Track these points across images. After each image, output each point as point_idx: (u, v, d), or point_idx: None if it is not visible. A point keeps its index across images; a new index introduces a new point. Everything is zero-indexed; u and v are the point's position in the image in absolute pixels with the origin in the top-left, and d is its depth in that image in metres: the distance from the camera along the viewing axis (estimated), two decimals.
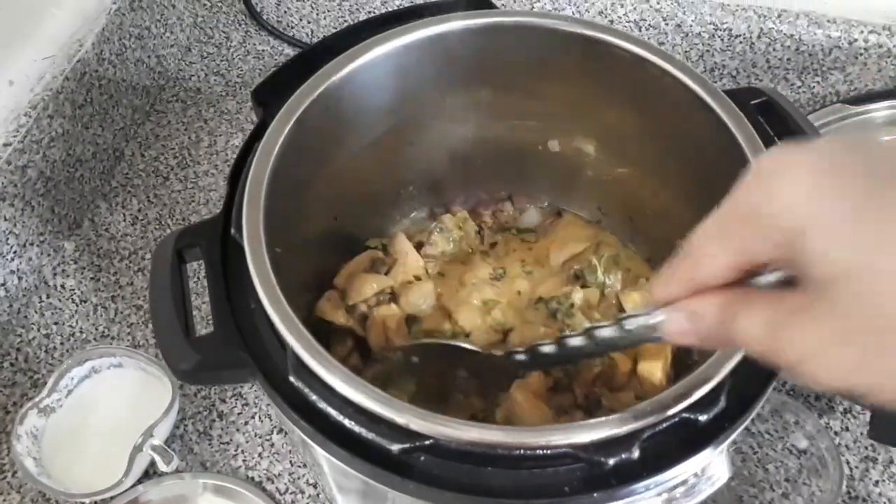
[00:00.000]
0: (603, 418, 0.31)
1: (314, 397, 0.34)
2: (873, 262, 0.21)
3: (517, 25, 0.45)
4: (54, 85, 0.67)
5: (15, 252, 0.65)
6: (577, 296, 0.49)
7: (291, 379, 0.35)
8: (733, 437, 0.33)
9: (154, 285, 0.39)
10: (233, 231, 0.39)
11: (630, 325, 0.31)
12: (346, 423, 0.33)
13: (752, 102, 0.45)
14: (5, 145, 0.63)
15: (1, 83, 0.65)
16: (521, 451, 0.31)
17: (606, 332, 0.33)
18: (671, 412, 0.31)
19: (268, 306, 0.35)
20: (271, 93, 0.47)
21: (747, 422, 0.34)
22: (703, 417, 0.32)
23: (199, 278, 0.65)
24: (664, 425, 0.32)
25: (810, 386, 0.27)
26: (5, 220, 0.63)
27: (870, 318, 0.21)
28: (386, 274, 0.53)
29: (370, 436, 0.33)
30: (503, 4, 0.73)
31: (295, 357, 0.35)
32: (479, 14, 0.46)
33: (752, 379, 0.34)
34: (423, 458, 0.33)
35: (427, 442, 0.32)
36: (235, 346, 0.37)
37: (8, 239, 0.64)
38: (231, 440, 0.60)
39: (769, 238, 0.24)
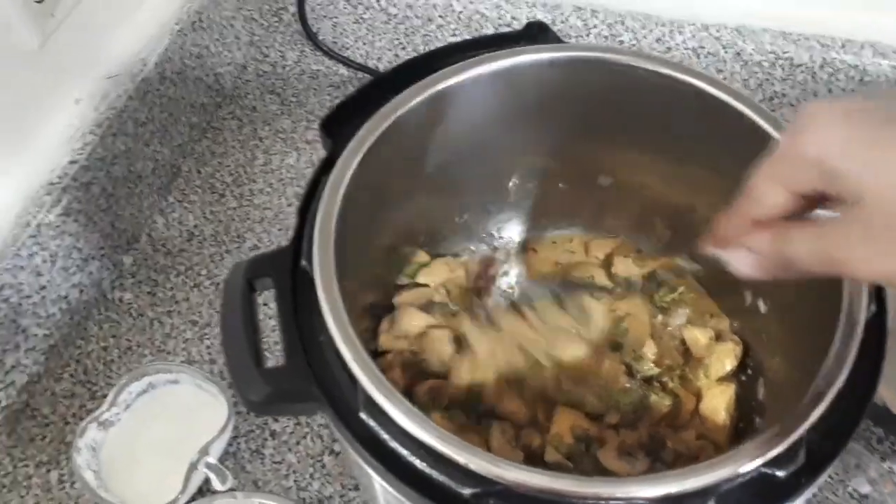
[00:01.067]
0: (679, 470, 0.31)
1: (385, 435, 0.35)
2: (890, 180, 0.27)
3: (594, 61, 0.45)
4: (118, 104, 0.69)
5: (77, 266, 0.66)
6: (650, 350, 0.49)
7: (362, 416, 0.35)
8: (810, 492, 0.33)
9: (226, 314, 0.39)
10: (303, 262, 0.40)
11: None
12: (417, 463, 0.33)
13: None
14: (72, 163, 0.64)
15: (67, 101, 0.67)
16: (595, 502, 0.31)
17: None
18: (749, 467, 0.31)
19: (340, 343, 0.35)
20: (338, 123, 0.47)
21: (825, 476, 0.33)
22: (781, 473, 0.31)
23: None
24: (741, 480, 0.31)
25: (860, 280, 0.33)
26: (70, 235, 0.64)
27: (887, 220, 0.27)
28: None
29: (441, 478, 0.33)
30: (566, 36, 0.73)
31: (365, 394, 0.35)
32: (553, 48, 0.46)
33: (832, 433, 0.33)
34: (492, 502, 0.33)
35: (498, 487, 0.32)
36: (306, 379, 0.37)
37: (72, 253, 0.65)
38: (283, 460, 0.61)
39: (812, 168, 0.29)
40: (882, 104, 0.29)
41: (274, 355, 0.63)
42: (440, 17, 0.78)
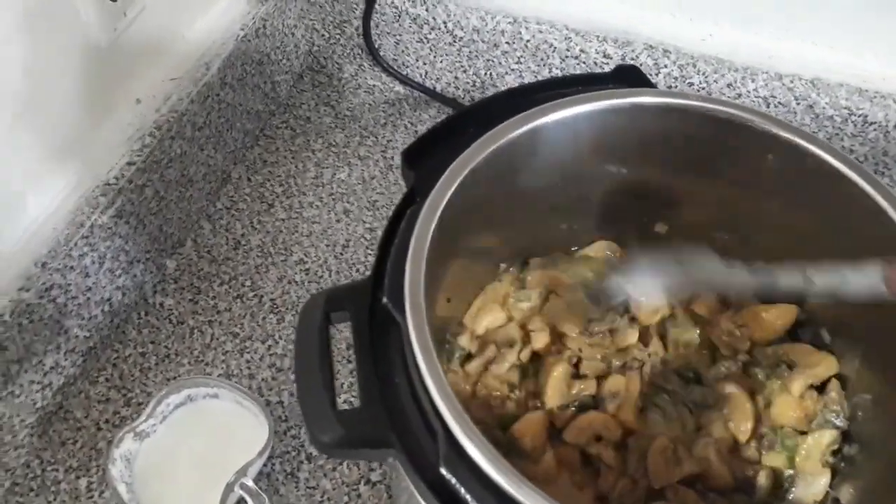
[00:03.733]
0: None
1: (466, 494, 0.33)
2: None
3: (694, 109, 0.44)
4: (179, 107, 0.67)
5: (123, 269, 0.65)
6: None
7: (443, 471, 0.33)
8: None
9: (301, 347, 0.38)
10: (385, 300, 0.38)
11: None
12: None
13: None
14: (129, 164, 0.63)
15: (129, 101, 0.66)
16: None
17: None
18: None
19: (434, 391, 0.34)
20: (421, 155, 0.46)
21: None
22: None
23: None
24: None
25: None
26: (120, 237, 0.63)
27: None
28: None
29: None
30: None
31: (448, 446, 0.34)
32: (651, 93, 0.45)
33: None
34: None
35: None
36: (382, 425, 0.36)
37: (119, 256, 0.64)
38: (318, 485, 0.59)
39: None
40: None
41: (341, 392, 0.62)
42: (507, 43, 0.76)
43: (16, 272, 0.56)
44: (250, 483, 0.55)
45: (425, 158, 0.45)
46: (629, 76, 0.49)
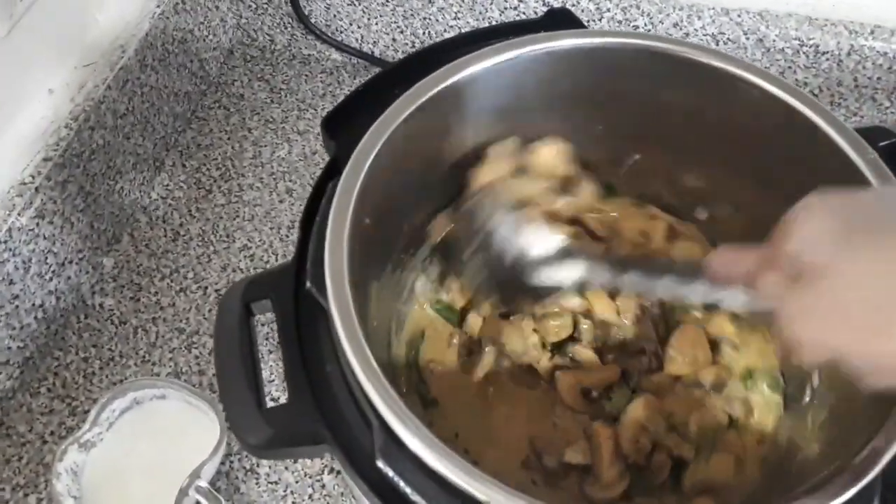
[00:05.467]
0: None
1: (406, 488, 0.30)
2: (843, 268, 0.30)
3: (630, 48, 0.40)
4: (96, 94, 0.63)
5: (54, 272, 0.61)
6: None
7: (379, 464, 0.31)
8: None
9: (220, 342, 0.35)
10: (308, 284, 0.35)
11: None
12: None
13: (881, 144, 0.40)
14: (45, 160, 0.59)
15: (41, 92, 0.62)
16: None
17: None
18: None
19: (363, 380, 0.31)
20: (342, 122, 0.42)
21: None
22: None
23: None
24: None
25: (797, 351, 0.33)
26: (44, 238, 0.59)
27: (832, 302, 0.31)
28: None
29: None
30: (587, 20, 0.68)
31: (384, 438, 0.31)
32: (590, 34, 0.42)
33: None
34: None
35: None
36: (313, 420, 0.33)
37: (47, 258, 0.60)
38: (280, 479, 0.57)
39: (790, 260, 0.32)
40: (873, 201, 0.33)
41: (270, 385, 0.59)
42: None
43: None
44: (204, 485, 0.53)
45: (348, 126, 0.42)
46: (562, 20, 0.45)
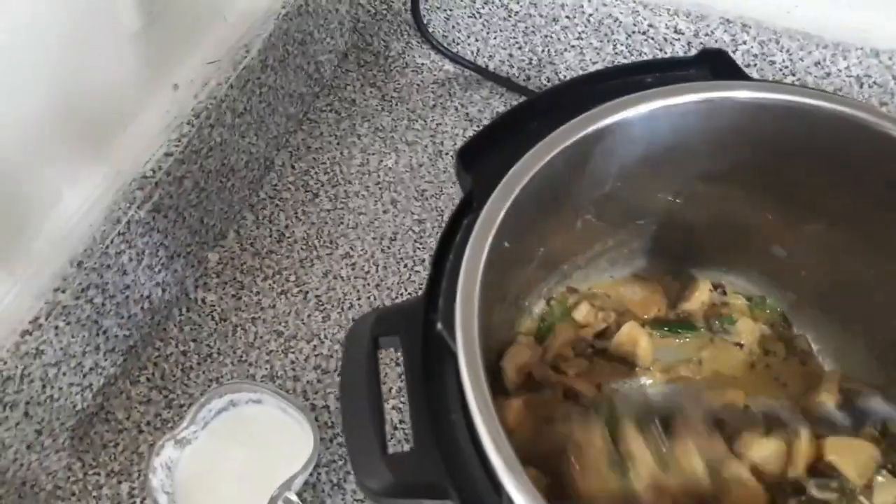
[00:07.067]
0: None
1: None
2: None
3: (801, 108, 0.37)
4: (218, 93, 0.64)
5: (163, 264, 0.62)
6: None
7: None
8: None
9: (348, 379, 0.34)
10: (438, 326, 0.34)
11: None
12: None
13: None
14: (167, 155, 0.60)
15: (166, 87, 0.63)
16: None
17: None
18: None
19: (487, 444, 0.29)
20: (477, 153, 0.41)
21: None
22: None
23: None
24: None
25: None
26: (158, 231, 0.60)
27: None
28: None
29: None
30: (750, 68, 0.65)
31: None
32: (736, 86, 0.39)
33: None
34: None
35: None
36: (437, 472, 0.31)
37: (158, 251, 0.61)
38: (366, 498, 0.56)
39: None
40: None
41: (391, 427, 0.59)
42: (567, 17, 0.70)
43: (51, 272, 0.54)
44: (294, 497, 0.52)
45: (483, 158, 0.40)
46: (717, 62, 0.43)
